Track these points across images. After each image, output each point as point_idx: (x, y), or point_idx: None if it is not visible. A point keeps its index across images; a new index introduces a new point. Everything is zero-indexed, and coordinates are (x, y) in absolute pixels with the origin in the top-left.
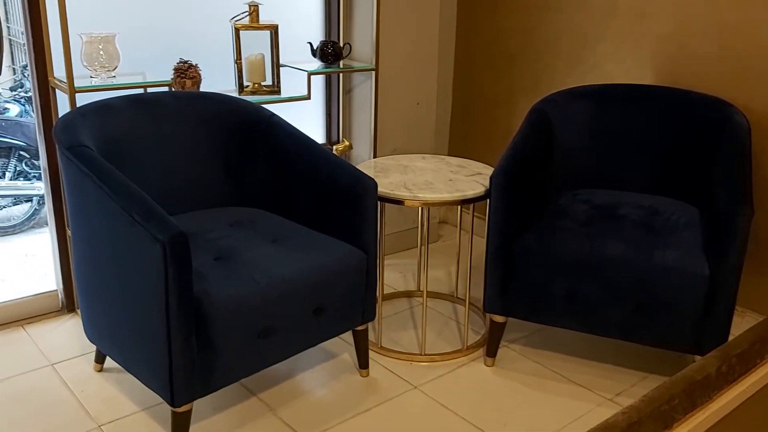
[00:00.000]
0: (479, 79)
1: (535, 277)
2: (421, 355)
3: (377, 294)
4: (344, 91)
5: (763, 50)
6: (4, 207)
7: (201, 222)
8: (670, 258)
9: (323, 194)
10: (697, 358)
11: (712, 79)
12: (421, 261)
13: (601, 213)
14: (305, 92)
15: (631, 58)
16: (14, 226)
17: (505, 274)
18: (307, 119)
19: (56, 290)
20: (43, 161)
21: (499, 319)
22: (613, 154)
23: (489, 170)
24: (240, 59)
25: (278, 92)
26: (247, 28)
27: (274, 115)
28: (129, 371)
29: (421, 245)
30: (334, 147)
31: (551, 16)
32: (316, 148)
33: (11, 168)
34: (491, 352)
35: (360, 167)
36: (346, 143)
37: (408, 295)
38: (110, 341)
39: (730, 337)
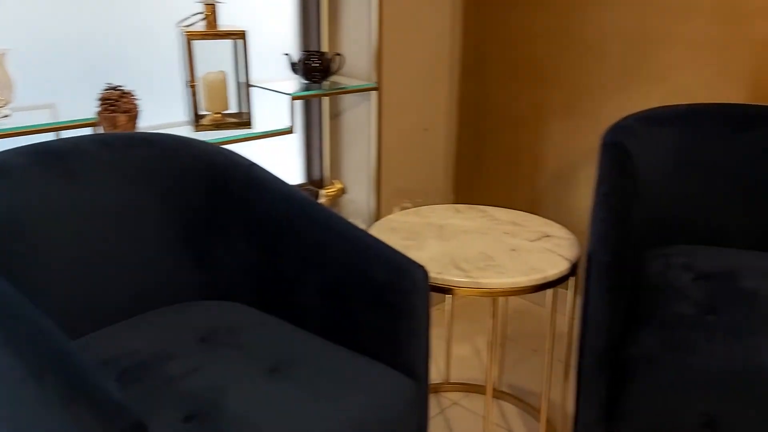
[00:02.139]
0: (494, 94)
1: (661, 397)
2: None
3: None
4: (330, 117)
5: None
6: None
7: (154, 336)
8: None
9: (342, 287)
10: None
11: None
12: (450, 344)
13: (722, 288)
14: (286, 122)
15: (716, 70)
16: None
17: (612, 391)
18: (278, 154)
19: None
20: None
21: None
22: (709, 199)
23: (557, 229)
24: (193, 80)
25: (249, 124)
26: (202, 36)
27: (253, 164)
28: None
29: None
30: (322, 191)
31: (594, 14)
32: (325, 215)
33: None
34: None
35: (375, 230)
36: (338, 186)
37: (434, 389)
38: None
39: None
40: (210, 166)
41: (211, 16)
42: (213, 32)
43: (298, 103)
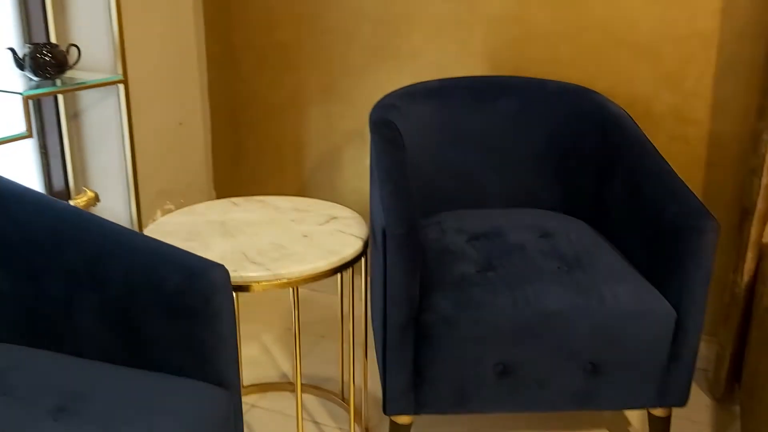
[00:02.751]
0: (248, 83)
1: (460, 354)
2: None
3: None
4: (68, 117)
5: (620, 26)
6: None
7: None
8: (624, 298)
9: (127, 302)
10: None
11: (564, 65)
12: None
13: (493, 246)
14: (19, 127)
15: (458, 45)
16: None
17: (416, 358)
18: (4, 164)
19: None
20: None
21: (405, 420)
22: (467, 166)
23: (341, 210)
24: None
25: None
26: None
27: None
28: None
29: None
30: (69, 202)
31: None
32: (95, 224)
33: None
34: None
35: (147, 233)
36: (90, 194)
37: None
38: None
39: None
40: None
41: None
42: None
43: (30, 103)
